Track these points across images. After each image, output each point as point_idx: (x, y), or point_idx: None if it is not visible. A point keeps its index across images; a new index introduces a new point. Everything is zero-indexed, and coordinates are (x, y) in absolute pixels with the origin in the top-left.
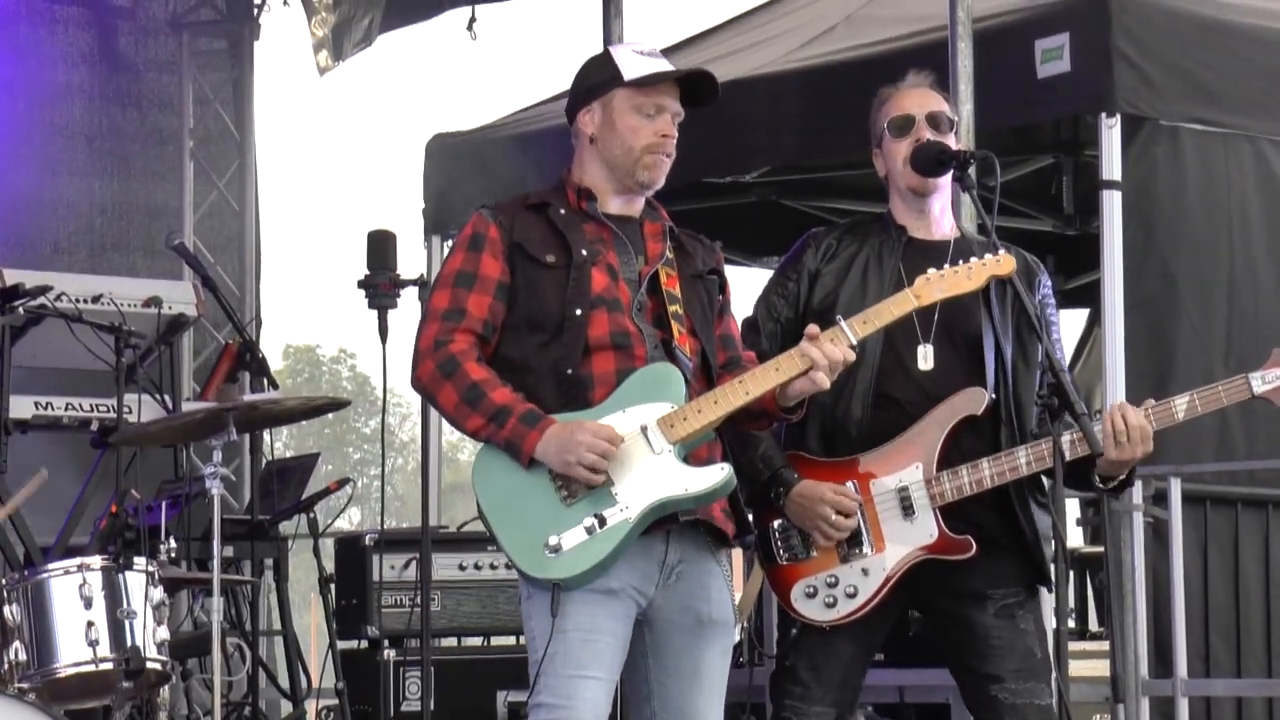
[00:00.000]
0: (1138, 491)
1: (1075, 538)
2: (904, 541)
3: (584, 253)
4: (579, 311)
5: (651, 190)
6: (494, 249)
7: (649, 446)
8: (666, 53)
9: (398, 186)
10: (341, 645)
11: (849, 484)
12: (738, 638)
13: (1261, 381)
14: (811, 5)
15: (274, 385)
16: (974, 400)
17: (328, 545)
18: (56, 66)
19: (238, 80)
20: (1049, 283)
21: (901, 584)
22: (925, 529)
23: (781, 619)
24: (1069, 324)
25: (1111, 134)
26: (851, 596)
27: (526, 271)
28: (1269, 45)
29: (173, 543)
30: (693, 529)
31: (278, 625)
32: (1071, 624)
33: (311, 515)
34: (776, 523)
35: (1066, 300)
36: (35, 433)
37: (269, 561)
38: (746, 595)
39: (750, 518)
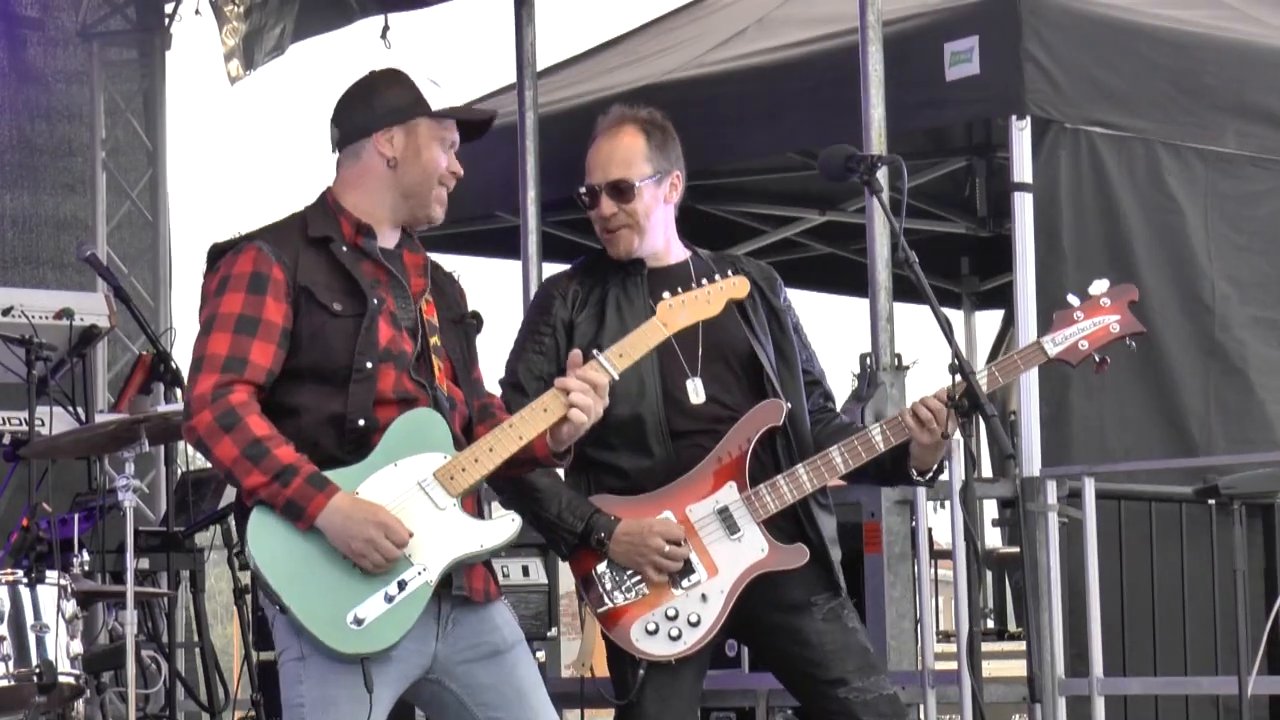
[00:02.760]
0: (1052, 491)
1: (992, 538)
2: (736, 560)
3: (375, 301)
4: (369, 364)
5: (433, 225)
6: (278, 292)
7: (431, 503)
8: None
9: (311, 195)
10: (258, 656)
11: (665, 514)
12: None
13: (1053, 344)
14: (723, 10)
15: None
16: (773, 412)
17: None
18: None
19: (149, 90)
20: (786, 292)
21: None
22: (755, 545)
23: (617, 660)
24: (985, 325)
25: (1022, 136)
26: (695, 625)
27: (312, 318)
28: (1173, 46)
29: (86, 555)
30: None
31: (195, 637)
32: (990, 624)
33: (227, 526)
34: (599, 567)
35: (982, 302)
36: None
37: (185, 573)
38: (585, 646)
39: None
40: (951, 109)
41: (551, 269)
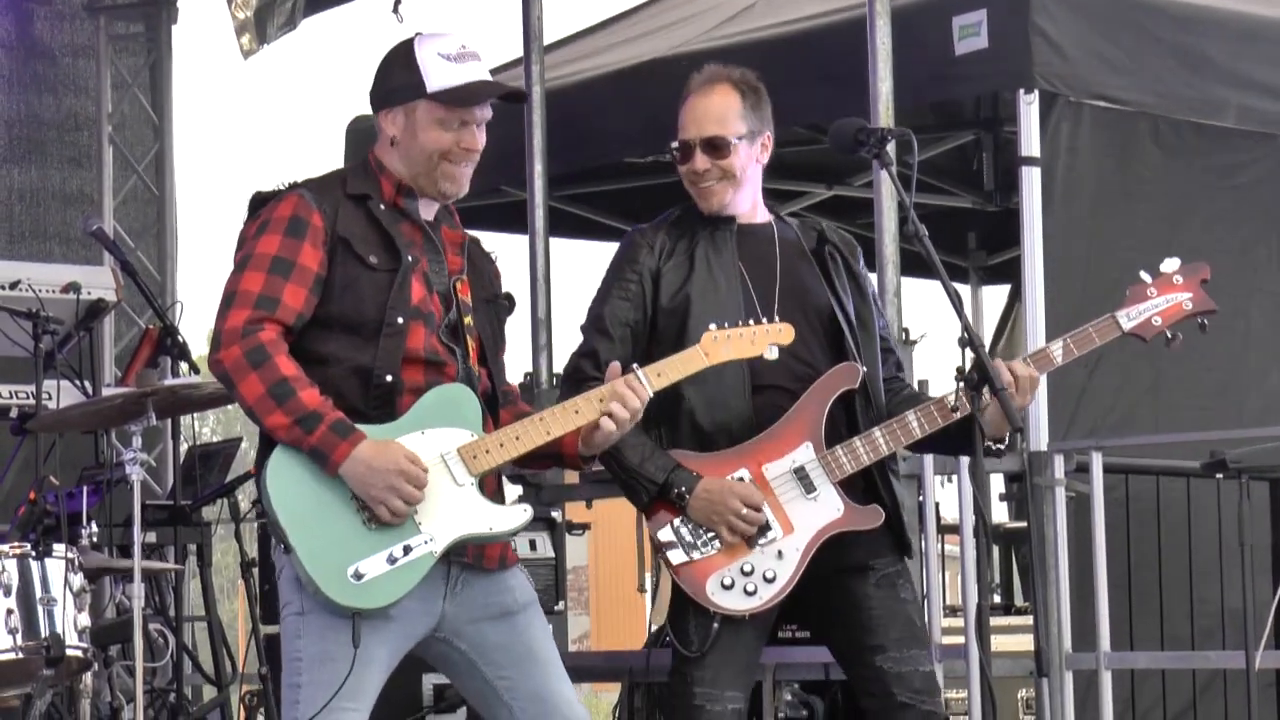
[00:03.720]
0: (1060, 466)
1: (999, 513)
2: (812, 519)
3: (410, 259)
4: (400, 320)
5: (452, 200)
6: (315, 238)
7: (451, 477)
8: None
9: (318, 169)
10: (265, 630)
11: (741, 472)
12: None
13: (1127, 318)
14: None
15: (195, 370)
16: (849, 375)
17: (252, 530)
18: None
19: (155, 64)
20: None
21: None
22: (831, 505)
23: (685, 614)
24: (992, 299)
25: (1030, 110)
26: (771, 581)
27: (347, 268)
28: (1177, 20)
29: (94, 529)
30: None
31: (202, 611)
32: (997, 599)
33: (234, 500)
34: (675, 521)
35: (989, 276)
36: None
37: (192, 547)
38: (660, 599)
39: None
40: (960, 83)
41: (558, 244)
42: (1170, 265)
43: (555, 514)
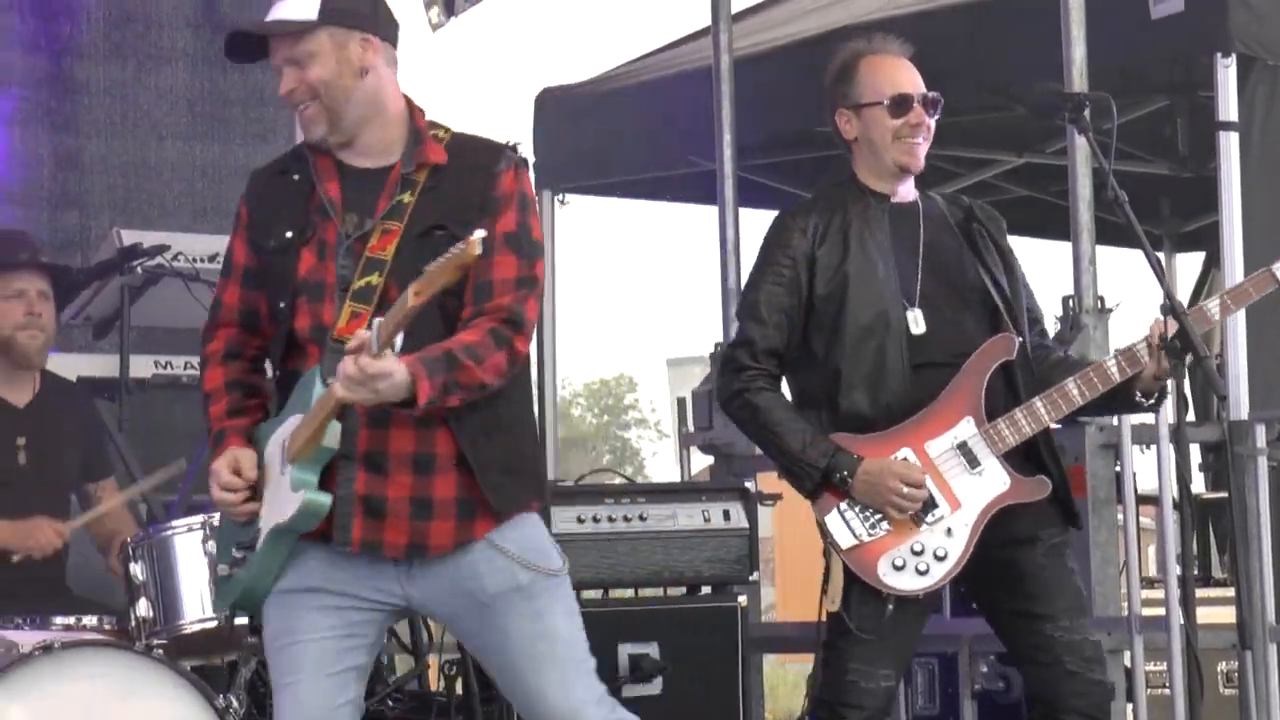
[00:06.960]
0: (1261, 435)
1: (1196, 483)
2: (979, 494)
3: None
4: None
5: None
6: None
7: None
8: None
9: (508, 135)
10: None
11: (904, 451)
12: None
13: None
14: None
15: None
16: (1005, 347)
17: None
18: (161, 30)
19: None
20: None
21: None
22: (997, 478)
23: (859, 595)
24: (1186, 267)
25: (1227, 74)
26: (942, 559)
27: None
28: None
29: None
30: None
31: None
32: (1194, 571)
33: None
34: (841, 504)
35: (1183, 243)
36: (155, 391)
37: None
38: (832, 584)
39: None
40: (1156, 47)
41: (748, 215)
42: None
43: (749, 484)
